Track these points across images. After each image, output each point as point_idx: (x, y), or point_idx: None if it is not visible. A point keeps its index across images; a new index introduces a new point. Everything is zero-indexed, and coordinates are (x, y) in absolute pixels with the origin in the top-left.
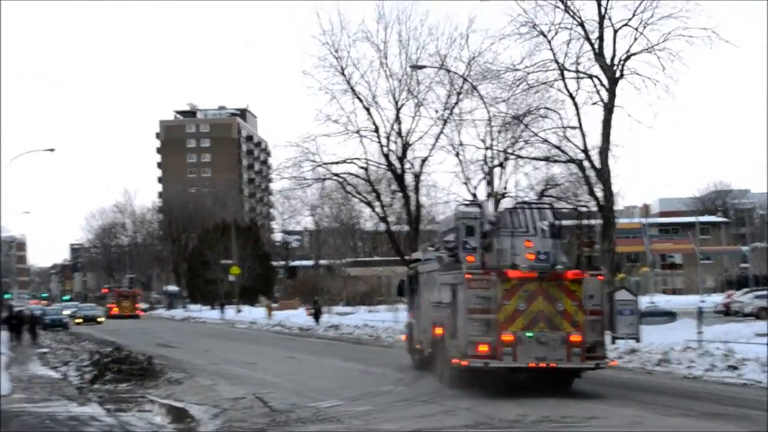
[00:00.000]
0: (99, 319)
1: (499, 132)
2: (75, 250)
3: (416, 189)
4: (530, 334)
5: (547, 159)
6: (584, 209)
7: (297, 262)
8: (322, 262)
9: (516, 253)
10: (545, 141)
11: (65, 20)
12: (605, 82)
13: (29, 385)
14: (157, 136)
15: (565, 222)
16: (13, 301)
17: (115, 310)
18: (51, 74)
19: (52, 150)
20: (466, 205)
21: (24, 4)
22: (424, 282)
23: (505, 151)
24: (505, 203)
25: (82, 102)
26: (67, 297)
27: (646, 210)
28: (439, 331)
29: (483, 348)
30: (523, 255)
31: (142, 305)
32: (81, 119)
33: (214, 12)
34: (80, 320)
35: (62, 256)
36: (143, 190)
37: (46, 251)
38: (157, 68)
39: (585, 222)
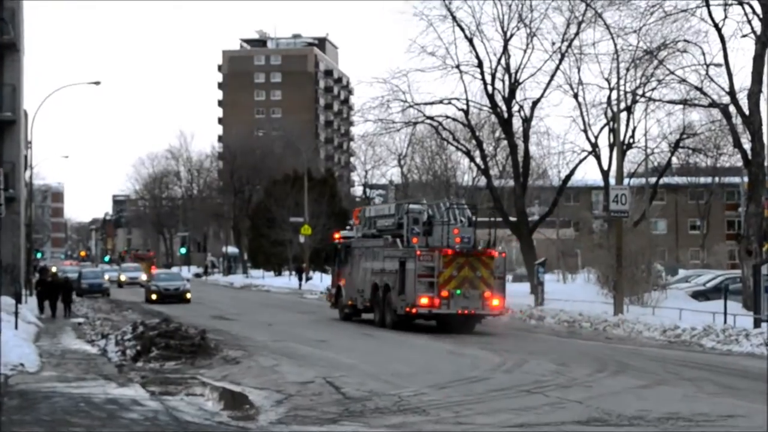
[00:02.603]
0: (187, 296)
1: (628, 69)
2: (119, 202)
3: (525, 136)
4: (459, 291)
5: (684, 102)
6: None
7: None
8: None
9: (449, 237)
10: (683, 81)
11: None
12: (758, 9)
13: (61, 360)
14: (219, 69)
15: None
16: (45, 262)
17: None
18: None
19: (97, 83)
20: (413, 203)
21: None
22: (362, 254)
23: (633, 93)
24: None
25: (131, 30)
26: (108, 257)
27: None
28: (382, 290)
29: (425, 301)
30: (453, 239)
31: (197, 270)
32: (129, 50)
33: None
34: (155, 296)
35: (104, 209)
36: (201, 133)
37: (86, 203)
38: None
39: None
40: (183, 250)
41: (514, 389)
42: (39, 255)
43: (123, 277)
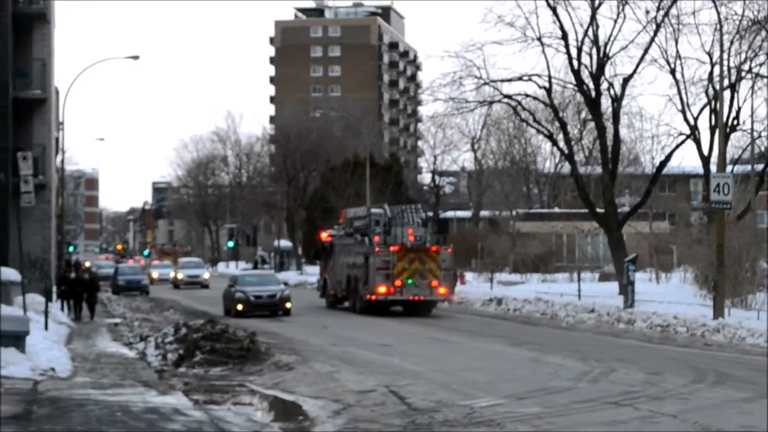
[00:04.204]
0: (287, 305)
1: (732, 42)
2: (159, 190)
3: (615, 118)
4: (410, 281)
5: None
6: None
7: (450, 213)
8: (484, 213)
9: (403, 236)
10: None
11: None
12: None
13: (96, 365)
14: (271, 42)
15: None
16: (77, 255)
17: None
18: None
19: (135, 58)
20: (375, 208)
21: None
22: (341, 251)
23: (739, 68)
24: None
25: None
26: (147, 251)
27: None
28: (354, 281)
29: (382, 289)
30: (408, 237)
31: (245, 265)
32: (171, 21)
33: None
34: (242, 306)
35: (143, 198)
36: (251, 113)
37: (123, 191)
38: None
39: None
40: (230, 244)
41: (600, 401)
42: (71, 248)
43: (180, 275)
